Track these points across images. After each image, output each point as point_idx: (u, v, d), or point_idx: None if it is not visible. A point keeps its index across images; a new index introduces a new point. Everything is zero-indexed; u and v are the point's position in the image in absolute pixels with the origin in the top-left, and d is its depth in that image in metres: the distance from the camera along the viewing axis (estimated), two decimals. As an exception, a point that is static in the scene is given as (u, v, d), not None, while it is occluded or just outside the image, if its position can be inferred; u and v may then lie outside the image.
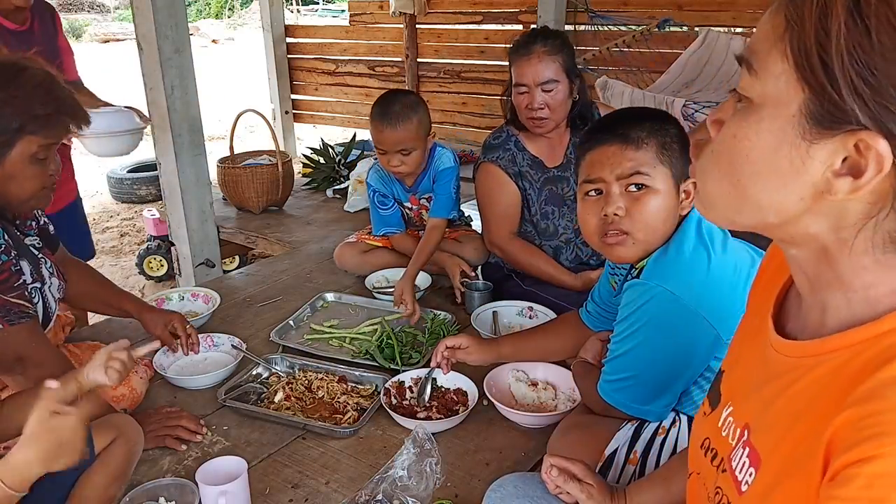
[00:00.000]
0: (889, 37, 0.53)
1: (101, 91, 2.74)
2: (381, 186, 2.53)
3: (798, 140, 0.58)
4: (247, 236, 3.51)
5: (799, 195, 0.60)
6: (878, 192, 0.57)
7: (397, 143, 2.28)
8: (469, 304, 2.29)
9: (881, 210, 0.58)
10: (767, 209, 0.63)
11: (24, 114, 1.35)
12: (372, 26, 5.72)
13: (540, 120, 2.17)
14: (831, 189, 0.58)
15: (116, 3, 25.50)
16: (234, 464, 1.40)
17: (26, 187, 1.42)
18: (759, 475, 0.67)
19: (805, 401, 0.63)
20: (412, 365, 1.92)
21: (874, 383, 0.55)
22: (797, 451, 0.62)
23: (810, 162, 0.58)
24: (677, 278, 1.27)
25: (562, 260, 2.33)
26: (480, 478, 1.49)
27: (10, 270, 1.41)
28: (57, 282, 1.60)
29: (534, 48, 2.12)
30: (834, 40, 0.54)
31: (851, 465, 0.54)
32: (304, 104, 6.15)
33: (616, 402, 1.37)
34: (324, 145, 4.31)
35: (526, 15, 4.87)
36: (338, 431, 1.64)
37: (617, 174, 1.30)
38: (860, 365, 0.58)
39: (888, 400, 0.54)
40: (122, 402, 1.71)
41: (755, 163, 0.62)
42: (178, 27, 2.72)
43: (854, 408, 0.55)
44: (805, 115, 0.57)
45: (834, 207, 0.59)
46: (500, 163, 2.27)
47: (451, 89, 5.40)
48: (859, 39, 0.53)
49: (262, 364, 1.91)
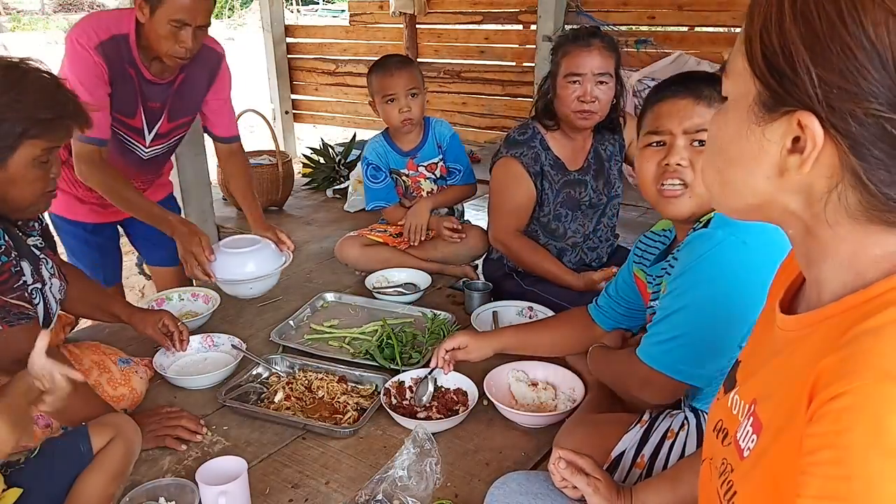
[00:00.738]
0: (806, 22, 0.60)
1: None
2: (376, 158, 2.62)
3: (754, 126, 0.67)
4: (247, 236, 3.51)
5: (765, 174, 0.67)
6: (830, 165, 0.63)
7: (407, 84, 2.49)
8: (469, 304, 2.29)
9: (838, 183, 0.63)
10: (745, 191, 0.70)
11: (28, 118, 1.35)
12: (372, 26, 5.72)
13: (588, 113, 2.17)
14: (787, 165, 0.65)
15: (116, 3, 25.53)
16: (234, 464, 1.40)
17: (28, 191, 1.42)
18: (760, 439, 0.71)
19: (800, 364, 0.67)
20: (412, 365, 1.91)
21: (854, 332, 0.61)
22: (790, 407, 0.65)
23: (767, 144, 0.66)
24: (749, 229, 1.21)
25: (564, 262, 2.33)
26: (480, 478, 1.49)
27: (10, 272, 1.41)
28: (58, 282, 1.60)
29: (594, 41, 2.14)
30: (773, 34, 0.63)
31: (824, 403, 0.58)
32: (304, 104, 6.15)
33: (664, 366, 1.31)
34: (324, 145, 4.32)
35: (526, 15, 4.88)
36: (338, 431, 1.64)
37: (685, 127, 1.31)
38: (847, 324, 0.63)
39: (862, 344, 0.59)
40: (122, 403, 1.71)
41: (727, 150, 0.71)
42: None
43: (833, 354, 0.60)
44: (757, 102, 0.66)
45: (801, 184, 0.66)
46: (523, 160, 2.26)
47: (451, 89, 5.41)
48: (786, 31, 0.62)
49: (262, 364, 1.90)
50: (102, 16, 2.11)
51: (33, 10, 24.64)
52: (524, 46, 5.00)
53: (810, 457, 0.59)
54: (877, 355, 0.57)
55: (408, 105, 2.50)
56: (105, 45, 2.02)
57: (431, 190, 2.68)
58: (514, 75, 5.09)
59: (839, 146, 0.61)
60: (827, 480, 0.57)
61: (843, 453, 0.56)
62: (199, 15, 1.98)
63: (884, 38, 0.57)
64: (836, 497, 0.56)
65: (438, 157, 2.66)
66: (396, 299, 2.37)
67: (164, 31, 1.96)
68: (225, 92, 2.36)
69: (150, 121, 2.24)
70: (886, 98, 0.58)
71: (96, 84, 2.02)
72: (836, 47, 0.59)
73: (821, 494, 0.57)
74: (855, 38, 0.58)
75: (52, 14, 24.33)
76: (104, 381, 1.71)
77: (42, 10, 24.82)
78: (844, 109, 0.60)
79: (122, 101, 2.14)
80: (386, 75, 2.49)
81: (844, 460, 0.56)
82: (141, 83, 2.13)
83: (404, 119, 2.52)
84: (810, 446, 0.59)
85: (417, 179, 2.66)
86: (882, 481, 0.54)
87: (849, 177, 0.62)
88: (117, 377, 1.74)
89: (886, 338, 0.58)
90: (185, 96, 2.25)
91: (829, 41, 0.59)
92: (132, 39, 2.05)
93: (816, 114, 0.61)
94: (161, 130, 2.29)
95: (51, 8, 25.01)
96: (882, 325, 0.60)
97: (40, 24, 22.54)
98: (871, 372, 0.57)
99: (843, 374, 0.58)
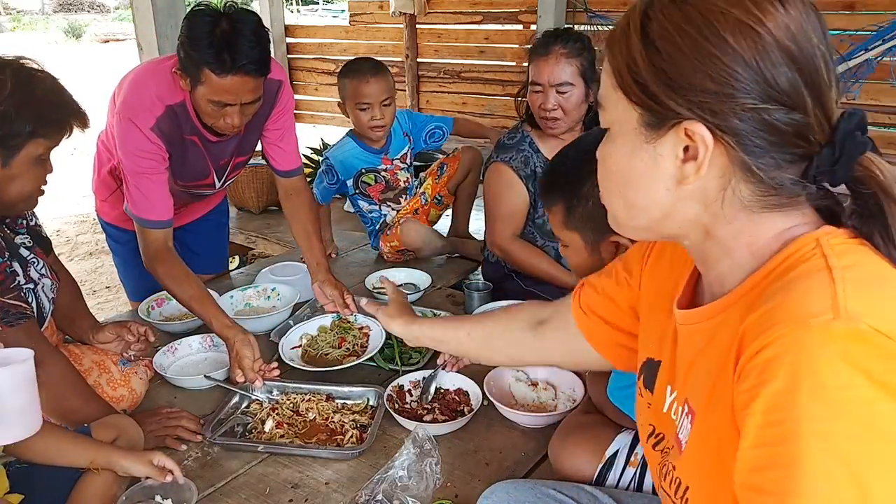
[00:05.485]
0: (669, 44, 0.67)
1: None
2: (339, 165, 2.67)
3: (644, 144, 0.72)
4: (247, 236, 3.52)
5: (664, 187, 0.72)
6: (720, 165, 0.69)
7: (381, 93, 2.51)
8: (469, 304, 2.29)
9: (731, 179, 0.70)
10: (649, 207, 0.75)
11: (38, 118, 1.37)
12: (372, 26, 5.72)
13: (553, 120, 2.18)
14: (684, 174, 0.70)
15: (116, 3, 25.50)
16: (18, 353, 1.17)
17: (26, 188, 1.44)
18: (694, 427, 0.75)
19: (719, 343, 0.72)
20: (412, 365, 1.91)
21: (768, 292, 0.66)
22: (717, 381, 0.70)
23: (660, 159, 0.71)
24: None
25: (563, 262, 2.33)
26: (480, 478, 1.49)
27: (5, 272, 1.42)
28: (49, 282, 1.60)
29: (552, 48, 2.12)
30: (638, 63, 0.70)
31: (750, 359, 0.62)
32: (304, 104, 6.15)
33: (630, 410, 1.30)
34: (324, 145, 4.32)
35: (526, 15, 4.88)
36: (348, 454, 1.55)
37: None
38: (757, 295, 0.68)
39: (775, 300, 0.64)
40: (122, 403, 1.71)
41: (623, 173, 0.75)
42: (178, 27, 2.70)
43: (752, 315, 0.65)
44: (641, 124, 0.71)
45: (696, 191, 0.71)
46: (513, 164, 2.27)
47: (451, 89, 5.41)
48: (652, 56, 0.69)
49: (239, 393, 1.76)
50: (150, 84, 1.88)
51: (33, 10, 24.62)
52: (524, 46, 5.00)
53: (743, 411, 0.62)
54: (787, 306, 0.62)
55: (381, 114, 2.53)
56: (161, 122, 1.85)
57: (407, 179, 2.76)
58: (514, 75, 5.09)
59: (726, 145, 0.68)
60: (761, 429, 0.60)
61: (772, 401, 0.59)
62: (245, 94, 1.76)
63: (741, 41, 0.65)
64: (772, 443, 0.59)
65: (407, 146, 2.76)
66: (396, 299, 2.37)
67: (207, 109, 1.80)
68: (284, 121, 2.14)
69: (220, 173, 2.18)
70: (758, 92, 0.66)
71: (155, 168, 1.88)
72: (704, 59, 0.66)
73: (757, 443, 0.60)
74: (719, 47, 0.66)
75: (52, 14, 24.30)
76: (104, 381, 1.71)
77: (42, 10, 24.79)
78: (725, 110, 0.66)
79: (192, 171, 2.06)
80: (361, 82, 2.50)
81: (774, 407, 0.59)
82: (206, 147, 2.01)
83: (375, 126, 2.56)
84: (742, 401, 0.63)
85: (394, 172, 2.73)
86: (811, 422, 0.57)
87: (739, 171, 0.69)
88: (117, 378, 1.74)
89: (790, 290, 0.64)
90: (249, 134, 2.09)
91: (697, 55, 0.66)
92: (189, 106, 1.88)
93: (701, 120, 0.67)
94: (230, 175, 2.26)
95: (51, 8, 24.97)
96: (786, 282, 0.66)
97: (40, 24, 22.53)
98: (785, 322, 0.61)
99: (762, 329, 0.62)
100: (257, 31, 1.72)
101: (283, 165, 2.19)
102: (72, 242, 5.14)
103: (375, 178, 2.70)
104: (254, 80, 1.75)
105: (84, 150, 5.03)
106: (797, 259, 0.67)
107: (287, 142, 2.17)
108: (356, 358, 1.90)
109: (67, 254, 4.85)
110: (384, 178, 2.71)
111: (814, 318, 0.59)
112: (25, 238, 1.61)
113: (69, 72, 2.88)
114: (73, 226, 5.46)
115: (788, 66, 0.65)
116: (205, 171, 2.11)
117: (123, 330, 1.77)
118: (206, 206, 2.49)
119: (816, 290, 0.62)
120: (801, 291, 0.63)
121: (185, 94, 1.85)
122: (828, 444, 0.56)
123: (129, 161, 1.88)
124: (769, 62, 0.65)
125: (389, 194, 2.74)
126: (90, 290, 4.26)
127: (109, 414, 1.50)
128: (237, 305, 2.31)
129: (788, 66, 0.65)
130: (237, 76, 1.71)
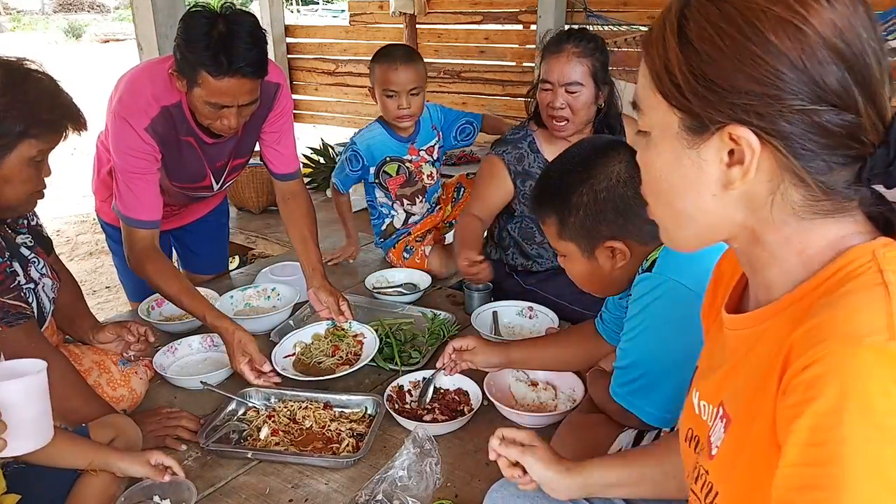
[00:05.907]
0: (709, 45, 0.65)
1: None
2: (366, 150, 2.58)
3: (687, 150, 0.69)
4: (247, 236, 3.52)
5: (711, 192, 0.70)
6: (768, 169, 0.66)
7: (409, 82, 2.42)
8: (469, 304, 2.28)
9: (780, 184, 0.67)
10: (697, 214, 0.73)
11: (30, 118, 1.35)
12: (372, 26, 5.72)
13: (560, 119, 2.16)
14: (730, 178, 0.68)
15: (116, 3, 25.51)
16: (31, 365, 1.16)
17: (20, 190, 1.42)
18: (729, 433, 0.73)
19: (764, 352, 0.69)
20: (412, 365, 1.91)
21: (819, 305, 0.64)
22: (759, 394, 0.67)
23: (705, 164, 0.69)
24: (686, 269, 1.22)
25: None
26: (480, 478, 1.49)
27: (5, 272, 1.42)
28: (50, 281, 1.60)
29: (565, 47, 2.11)
30: (675, 66, 0.67)
31: (796, 375, 0.60)
32: (304, 104, 6.15)
33: (634, 407, 1.32)
34: (324, 145, 4.31)
35: (526, 15, 4.88)
36: (343, 463, 1.54)
37: None
38: (807, 306, 0.66)
39: (823, 315, 0.62)
40: (122, 403, 1.71)
41: (668, 180, 0.73)
42: (178, 27, 2.73)
43: (801, 328, 0.63)
44: (683, 129, 0.69)
45: (743, 195, 0.69)
46: (506, 157, 2.27)
47: (451, 89, 5.40)
48: (690, 58, 0.66)
49: (236, 400, 1.74)
50: (147, 84, 1.86)
51: (33, 10, 24.63)
52: (524, 46, 5.00)
53: (787, 427, 0.60)
54: (838, 322, 0.60)
55: (408, 103, 2.46)
56: (156, 123, 1.84)
57: (431, 175, 2.70)
58: (514, 75, 5.09)
59: (774, 148, 0.65)
60: (805, 447, 0.58)
61: (817, 420, 0.58)
62: (242, 96, 1.75)
63: (785, 41, 0.62)
64: (815, 463, 0.57)
65: (435, 139, 2.68)
66: (396, 299, 2.37)
67: (204, 110, 1.79)
68: (281, 124, 2.12)
69: (217, 176, 2.16)
70: (806, 93, 0.63)
71: (147, 168, 1.88)
72: (746, 60, 0.63)
73: (800, 462, 0.59)
74: (762, 47, 0.63)
75: (52, 14, 24.31)
76: (104, 381, 1.71)
77: (42, 10, 24.81)
78: (772, 113, 0.64)
79: (188, 172, 2.04)
80: (390, 69, 2.42)
81: (819, 427, 0.57)
82: (202, 149, 2.00)
83: (401, 115, 2.49)
84: (786, 417, 0.61)
85: (419, 164, 2.66)
86: (856, 443, 0.55)
87: (788, 176, 0.66)
88: (117, 378, 1.74)
89: (842, 306, 0.62)
90: (246, 136, 2.09)
91: (738, 56, 0.64)
92: (185, 107, 1.87)
93: (746, 123, 0.64)
94: (228, 177, 2.24)
95: (51, 8, 24.98)
96: (837, 296, 0.63)
97: (40, 24, 22.54)
98: (836, 338, 0.59)
99: (810, 344, 0.60)
100: (254, 32, 1.71)
101: (280, 168, 2.19)
102: (72, 242, 5.15)
103: (398, 168, 2.63)
104: (251, 82, 1.75)
105: (84, 151, 5.03)
106: (851, 271, 0.65)
107: (284, 145, 2.16)
108: (349, 367, 1.88)
109: (67, 254, 4.86)
110: (407, 170, 2.64)
111: (867, 336, 0.57)
112: (26, 238, 1.60)
113: (69, 72, 2.88)
114: (73, 226, 5.47)
115: (837, 65, 0.62)
116: (201, 172, 2.11)
117: (123, 330, 1.77)
118: (206, 206, 2.49)
119: (871, 306, 0.60)
120: (854, 307, 0.61)
121: (182, 95, 1.84)
122: (875, 469, 0.55)
123: (121, 160, 1.88)
124: (816, 61, 0.62)
125: (407, 190, 2.67)
126: (90, 290, 4.27)
127: (109, 414, 1.50)
128: (237, 305, 2.30)
129: (837, 65, 0.62)
130: (234, 78, 1.70)
